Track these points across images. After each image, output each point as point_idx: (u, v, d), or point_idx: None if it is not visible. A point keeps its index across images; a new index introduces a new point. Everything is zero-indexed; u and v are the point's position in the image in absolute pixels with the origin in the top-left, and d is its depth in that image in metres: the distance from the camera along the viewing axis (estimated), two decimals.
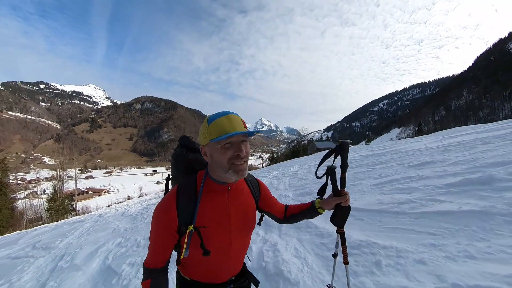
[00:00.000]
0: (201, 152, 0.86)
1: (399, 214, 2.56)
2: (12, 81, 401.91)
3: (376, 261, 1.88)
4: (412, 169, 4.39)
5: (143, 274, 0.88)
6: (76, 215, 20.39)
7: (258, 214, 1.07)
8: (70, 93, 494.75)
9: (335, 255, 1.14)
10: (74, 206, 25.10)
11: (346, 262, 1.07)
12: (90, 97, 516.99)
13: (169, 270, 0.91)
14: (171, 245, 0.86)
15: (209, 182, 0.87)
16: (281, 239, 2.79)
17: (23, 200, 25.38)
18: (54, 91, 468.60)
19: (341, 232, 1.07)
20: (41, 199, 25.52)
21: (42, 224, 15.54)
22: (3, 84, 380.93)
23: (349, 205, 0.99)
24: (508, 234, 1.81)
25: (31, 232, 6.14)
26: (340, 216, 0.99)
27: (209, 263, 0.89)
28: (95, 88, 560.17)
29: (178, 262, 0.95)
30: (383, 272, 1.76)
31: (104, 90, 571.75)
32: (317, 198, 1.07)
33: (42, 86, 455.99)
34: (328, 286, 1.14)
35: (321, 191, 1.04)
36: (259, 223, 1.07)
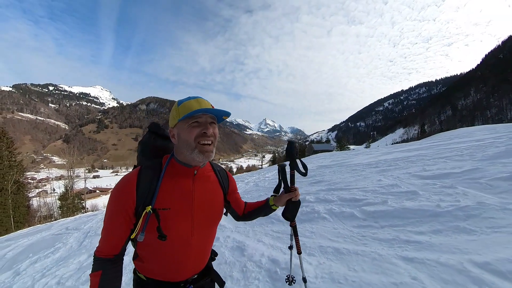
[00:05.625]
0: (170, 135, 0.86)
1: None
2: (22, 83, 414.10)
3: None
4: (306, 185, 5.50)
5: (92, 265, 0.79)
6: (86, 212, 21.61)
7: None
8: (77, 94, 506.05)
9: (290, 247, 1.22)
10: (84, 204, 26.39)
11: (299, 252, 1.16)
12: (97, 98, 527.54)
13: (125, 273, 0.93)
14: (127, 230, 0.78)
15: (174, 164, 0.84)
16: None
17: (37, 198, 26.89)
18: (63, 92, 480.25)
19: (293, 225, 1.13)
20: (53, 197, 26.97)
21: (54, 220, 16.75)
22: (14, 86, 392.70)
23: (299, 200, 1.03)
24: (267, 226, 3.23)
25: (57, 222, 7.81)
26: (290, 210, 1.02)
27: (168, 254, 0.82)
28: (101, 89, 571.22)
29: (135, 257, 0.88)
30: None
31: (110, 91, 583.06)
32: (271, 196, 1.07)
33: (51, 88, 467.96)
34: (288, 276, 1.24)
35: (276, 190, 1.07)
36: (225, 214, 1.05)
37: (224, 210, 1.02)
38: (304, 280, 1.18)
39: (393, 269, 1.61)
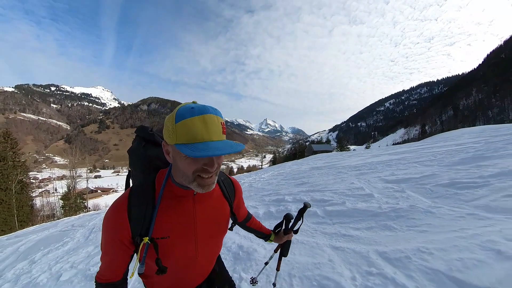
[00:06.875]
0: (163, 149, 0.68)
1: None
2: (25, 84, 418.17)
3: None
4: (292, 187, 5.88)
5: None
6: (88, 212, 22.26)
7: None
8: (79, 94, 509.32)
9: (266, 263, 1.44)
10: (86, 204, 27.05)
11: (278, 269, 1.36)
12: (98, 98, 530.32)
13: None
14: (126, 257, 0.73)
15: (171, 187, 0.72)
16: None
17: (39, 198, 27.63)
18: (64, 93, 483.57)
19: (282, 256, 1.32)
20: (56, 197, 27.67)
21: (57, 219, 17.39)
22: (16, 86, 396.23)
23: (291, 240, 1.25)
24: None
25: (62, 220, 8.30)
26: (287, 249, 1.26)
27: (172, 275, 0.77)
28: (103, 89, 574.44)
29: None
30: None
31: (112, 92, 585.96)
32: (273, 232, 1.20)
33: (53, 88, 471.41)
34: (252, 278, 1.33)
35: (276, 229, 1.23)
36: (230, 228, 0.95)
37: (230, 224, 0.94)
38: (274, 285, 1.38)
39: (320, 253, 2.13)
